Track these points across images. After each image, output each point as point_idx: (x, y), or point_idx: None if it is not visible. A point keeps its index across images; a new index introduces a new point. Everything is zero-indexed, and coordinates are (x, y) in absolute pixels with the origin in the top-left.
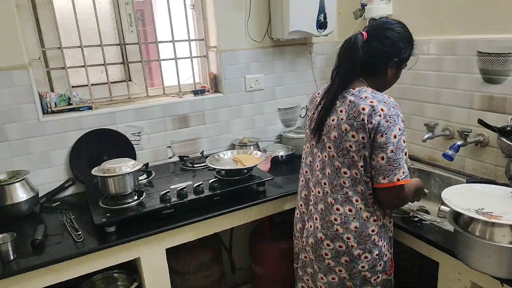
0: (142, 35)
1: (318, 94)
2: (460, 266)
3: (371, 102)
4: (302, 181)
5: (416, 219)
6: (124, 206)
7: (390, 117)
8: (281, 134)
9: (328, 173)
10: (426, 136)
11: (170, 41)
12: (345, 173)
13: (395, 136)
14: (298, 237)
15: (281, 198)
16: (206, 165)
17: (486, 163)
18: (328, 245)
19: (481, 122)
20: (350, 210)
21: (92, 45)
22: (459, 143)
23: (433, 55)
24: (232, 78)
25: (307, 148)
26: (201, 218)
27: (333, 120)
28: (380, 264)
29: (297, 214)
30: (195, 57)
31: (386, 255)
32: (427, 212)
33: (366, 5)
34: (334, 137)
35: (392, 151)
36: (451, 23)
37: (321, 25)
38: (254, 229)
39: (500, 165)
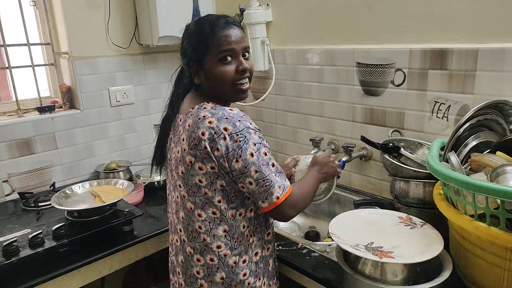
0: None
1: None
2: None
3: (209, 123)
4: (169, 223)
5: (304, 251)
6: None
7: (238, 135)
8: None
9: (182, 217)
10: (312, 152)
11: (1, 46)
12: (199, 215)
13: (252, 155)
14: None
15: (156, 236)
16: None
17: (371, 178)
18: None
19: (364, 139)
20: (212, 260)
21: None
22: (344, 159)
23: (315, 65)
24: (91, 91)
25: (167, 183)
26: (37, 282)
27: (178, 152)
28: None
29: (169, 263)
30: (38, 65)
31: None
32: (317, 234)
33: (244, 11)
34: (182, 172)
35: (256, 171)
36: (331, 32)
37: None
38: (127, 273)
39: (385, 179)
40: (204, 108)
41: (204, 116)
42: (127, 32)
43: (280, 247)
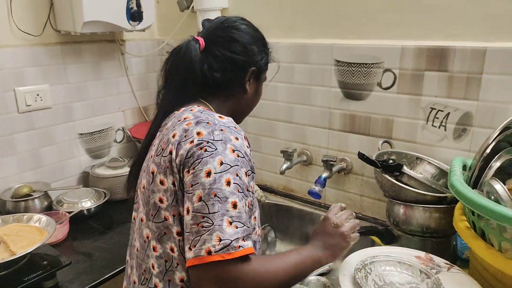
0: None
1: None
2: None
3: (187, 124)
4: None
5: None
6: None
7: (208, 142)
8: (86, 171)
9: (137, 249)
10: (284, 167)
11: None
12: (154, 249)
13: (208, 174)
14: None
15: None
16: None
17: (350, 193)
18: None
19: (362, 157)
20: None
21: None
22: (324, 175)
23: (283, 63)
24: None
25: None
26: None
27: (146, 162)
28: None
29: None
30: None
31: None
32: None
33: None
34: (144, 187)
35: (200, 199)
36: (303, 22)
37: (134, 15)
38: None
39: (366, 195)
40: (191, 110)
41: (185, 118)
42: (39, 15)
43: None
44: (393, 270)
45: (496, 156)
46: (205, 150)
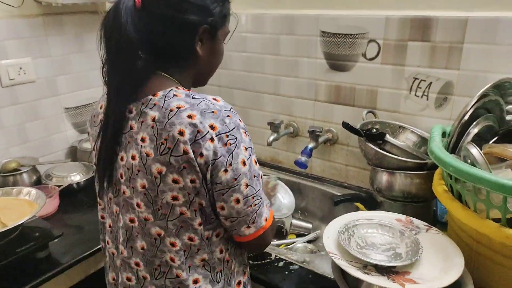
0: None
1: (101, 108)
2: None
3: (190, 117)
4: (107, 257)
5: (280, 263)
6: None
7: (228, 135)
8: (74, 145)
9: (142, 248)
10: (271, 138)
11: None
12: (172, 244)
13: (244, 163)
14: None
15: (85, 260)
16: None
17: (335, 163)
18: None
19: (346, 126)
20: None
21: None
22: (310, 146)
23: (269, 34)
24: None
25: (103, 204)
26: None
27: (133, 159)
28: None
29: None
30: None
31: None
32: (281, 230)
33: None
34: (143, 187)
35: (247, 185)
36: None
37: None
38: None
39: (351, 165)
40: (175, 95)
41: (178, 107)
42: None
43: (250, 261)
44: (374, 232)
45: (474, 123)
46: (230, 144)
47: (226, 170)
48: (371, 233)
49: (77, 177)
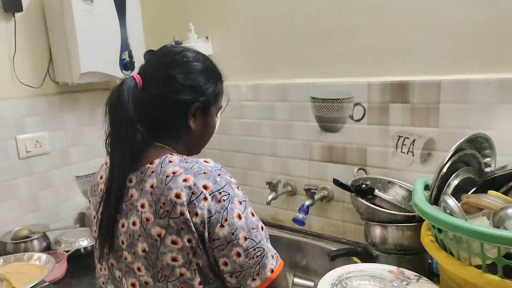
0: None
1: (101, 178)
2: None
3: (185, 181)
4: None
5: None
6: None
7: (220, 193)
8: (83, 211)
9: None
10: (270, 198)
11: None
12: None
13: (239, 217)
14: None
15: None
16: None
17: (333, 220)
18: None
19: (336, 182)
20: None
21: None
22: (307, 203)
23: (265, 101)
24: None
25: (104, 270)
26: None
27: (133, 224)
28: None
29: None
30: None
31: None
32: None
33: (180, 43)
34: (144, 250)
35: (246, 238)
36: (280, 65)
37: (127, 65)
38: None
39: (347, 220)
40: (170, 162)
41: (174, 173)
42: (39, 68)
43: None
44: (366, 284)
45: (454, 175)
46: (224, 200)
47: (222, 226)
48: (363, 285)
49: (85, 242)
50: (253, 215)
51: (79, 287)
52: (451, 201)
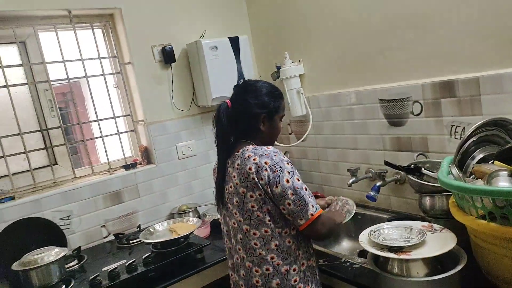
0: (75, 116)
1: (216, 164)
2: None
3: (254, 160)
4: (226, 251)
5: (347, 264)
6: None
7: (275, 166)
8: None
9: (240, 238)
10: (350, 181)
11: (95, 121)
12: (254, 234)
13: (287, 181)
14: None
15: (222, 262)
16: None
17: (408, 199)
18: None
19: (387, 163)
20: (267, 270)
21: (9, 135)
22: (378, 183)
23: (346, 106)
24: (163, 148)
25: (221, 218)
26: None
27: (231, 187)
28: None
29: (231, 283)
30: (122, 132)
31: None
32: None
33: (280, 68)
34: (237, 202)
35: (293, 194)
36: (355, 76)
37: None
38: None
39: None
40: (247, 150)
41: (248, 156)
42: (187, 98)
43: (327, 262)
44: (395, 232)
45: (478, 150)
46: (277, 171)
47: (276, 186)
48: (392, 232)
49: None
50: (298, 180)
51: (217, 242)
52: (454, 170)
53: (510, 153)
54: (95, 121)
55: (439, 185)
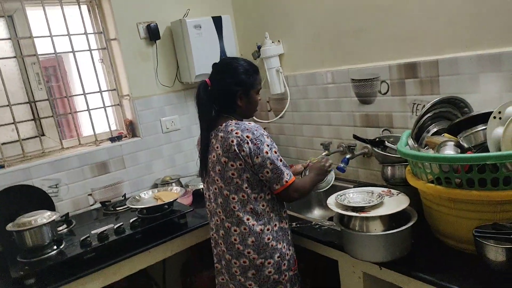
0: (56, 89)
1: (199, 137)
2: (352, 260)
3: (236, 133)
4: (208, 214)
5: (316, 226)
6: (44, 257)
7: (256, 139)
8: None
9: (220, 202)
10: (323, 154)
11: (81, 94)
12: (233, 198)
13: (267, 152)
14: (216, 261)
15: (203, 227)
16: (128, 207)
17: (374, 171)
18: (235, 263)
19: (355, 137)
20: (244, 229)
21: None
22: (348, 156)
23: (321, 85)
24: (147, 122)
25: (204, 185)
26: (124, 257)
27: (214, 157)
28: (284, 264)
29: (212, 241)
30: (108, 106)
31: (287, 254)
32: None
33: (261, 47)
34: (219, 170)
35: (271, 163)
36: (330, 57)
37: None
38: (184, 262)
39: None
40: (230, 124)
41: (231, 130)
42: (171, 74)
43: (299, 225)
44: (359, 196)
45: (434, 124)
46: (257, 144)
47: (257, 157)
48: (356, 196)
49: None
50: (275, 152)
51: (198, 210)
52: (410, 141)
53: (459, 126)
54: (81, 94)
55: (399, 156)
